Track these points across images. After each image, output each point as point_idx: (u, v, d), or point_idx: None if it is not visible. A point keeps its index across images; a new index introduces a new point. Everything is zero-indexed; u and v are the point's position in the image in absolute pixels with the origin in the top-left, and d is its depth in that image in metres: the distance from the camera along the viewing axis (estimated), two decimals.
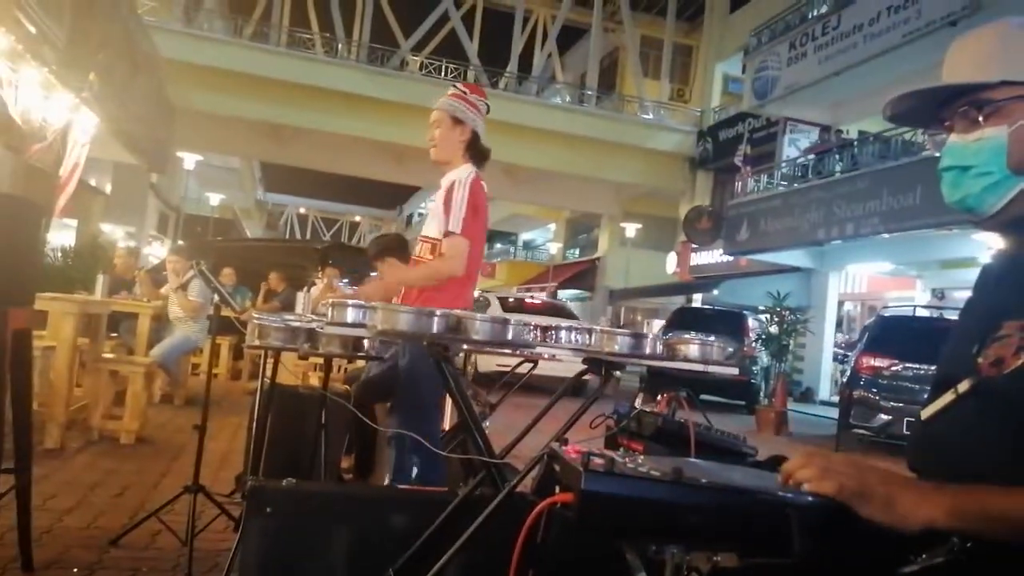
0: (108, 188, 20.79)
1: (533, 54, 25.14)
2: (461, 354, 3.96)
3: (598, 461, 1.09)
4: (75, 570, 2.58)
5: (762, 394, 11.46)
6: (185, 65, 17.02)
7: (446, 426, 3.42)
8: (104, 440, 4.81)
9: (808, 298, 16.44)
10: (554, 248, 30.11)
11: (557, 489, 1.19)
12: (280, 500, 2.23)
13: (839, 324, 17.71)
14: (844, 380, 9.23)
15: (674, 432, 2.17)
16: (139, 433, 4.94)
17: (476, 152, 3.03)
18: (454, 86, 3.14)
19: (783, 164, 16.55)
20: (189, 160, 22.06)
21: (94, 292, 6.61)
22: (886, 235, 12.64)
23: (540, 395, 3.03)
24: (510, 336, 2.08)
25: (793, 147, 16.88)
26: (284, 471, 3.08)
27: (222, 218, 31.79)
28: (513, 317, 2.68)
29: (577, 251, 30.84)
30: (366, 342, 2.68)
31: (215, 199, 28.84)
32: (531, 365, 3.25)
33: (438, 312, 1.98)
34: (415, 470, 2.73)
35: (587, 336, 2.26)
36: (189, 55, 17.73)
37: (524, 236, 37.58)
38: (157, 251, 26.78)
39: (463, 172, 2.94)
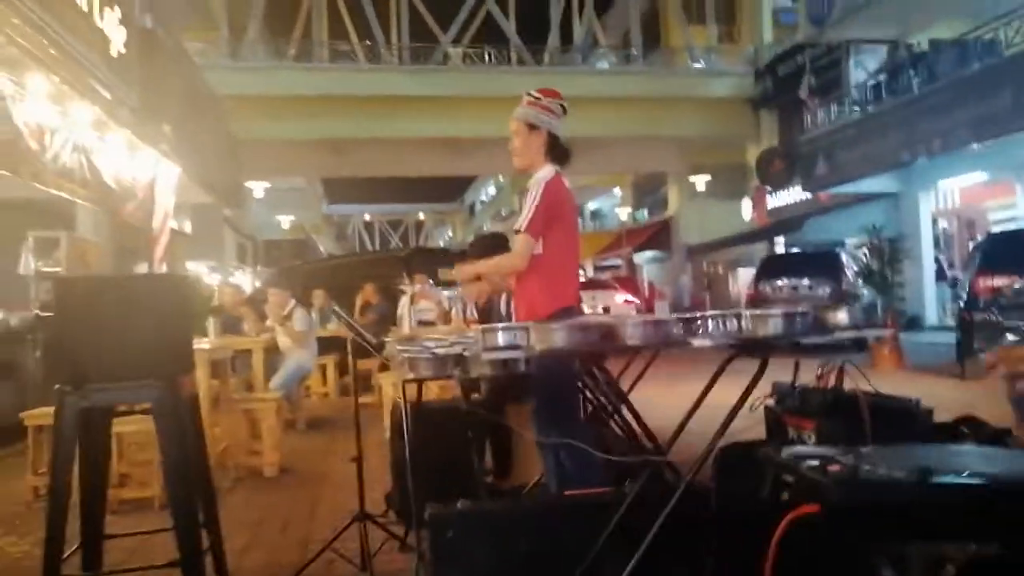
0: (188, 228, 21.68)
1: (572, 23, 24.77)
2: None
3: (836, 468, 1.07)
4: None
5: None
6: (239, 98, 17.49)
7: None
8: (250, 476, 5.04)
9: (899, 222, 15.76)
10: (623, 213, 29.72)
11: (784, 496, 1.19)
12: (460, 523, 2.30)
13: (936, 242, 16.92)
14: (961, 303, 8.85)
15: (845, 406, 2.12)
16: (280, 464, 5.17)
17: (556, 153, 3.11)
18: (528, 94, 3.17)
19: (853, 89, 15.86)
20: (257, 189, 22.81)
21: (207, 334, 6.91)
22: (976, 145, 11.98)
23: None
24: (663, 336, 2.08)
25: (860, 70, 16.14)
26: (435, 487, 3.18)
27: (295, 239, 32.66)
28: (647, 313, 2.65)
29: (646, 212, 30.38)
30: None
31: (285, 221, 29.73)
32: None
33: (591, 324, 2.00)
34: (572, 472, 2.76)
35: (736, 322, 2.24)
36: (241, 88, 18.19)
37: (590, 206, 37.25)
38: (241, 279, 27.83)
39: (540, 174, 3.07)
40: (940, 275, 16.38)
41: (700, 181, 22.68)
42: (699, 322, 2.27)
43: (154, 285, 2.47)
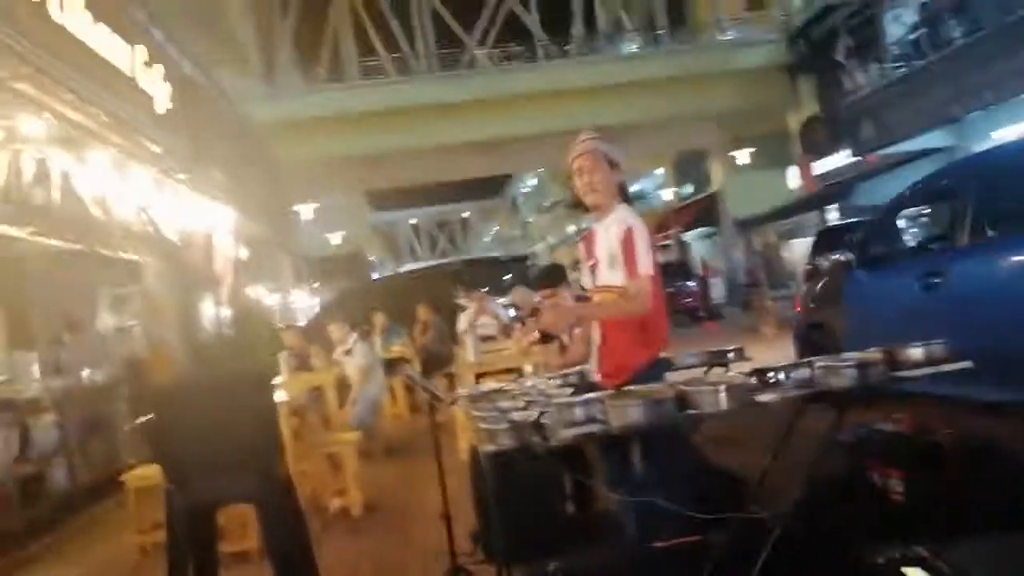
0: (244, 255, 22.27)
1: (594, 10, 24.57)
2: None
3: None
4: None
5: None
6: (276, 124, 17.91)
7: None
8: (338, 516, 5.24)
9: None
10: (667, 193, 29.41)
11: None
12: None
13: None
14: None
15: (932, 452, 2.13)
16: (364, 502, 5.35)
17: (625, 195, 3.05)
18: (588, 132, 3.08)
19: (891, 46, 15.39)
20: (306, 211, 23.29)
21: (280, 372, 7.15)
22: None
23: None
24: (736, 396, 2.12)
25: (897, 24, 15.64)
26: (520, 526, 3.28)
27: (346, 252, 33.19)
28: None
29: (692, 189, 30.01)
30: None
31: (335, 237, 30.26)
32: None
33: (666, 395, 2.06)
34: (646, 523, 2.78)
35: (808, 371, 2.27)
36: (277, 114, 18.61)
37: (633, 188, 36.93)
38: (300, 299, 28.51)
39: (631, 215, 2.95)
40: None
41: (743, 155, 22.28)
42: (771, 375, 2.31)
43: (243, 384, 2.61)
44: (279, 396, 5.04)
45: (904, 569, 1.53)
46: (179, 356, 10.68)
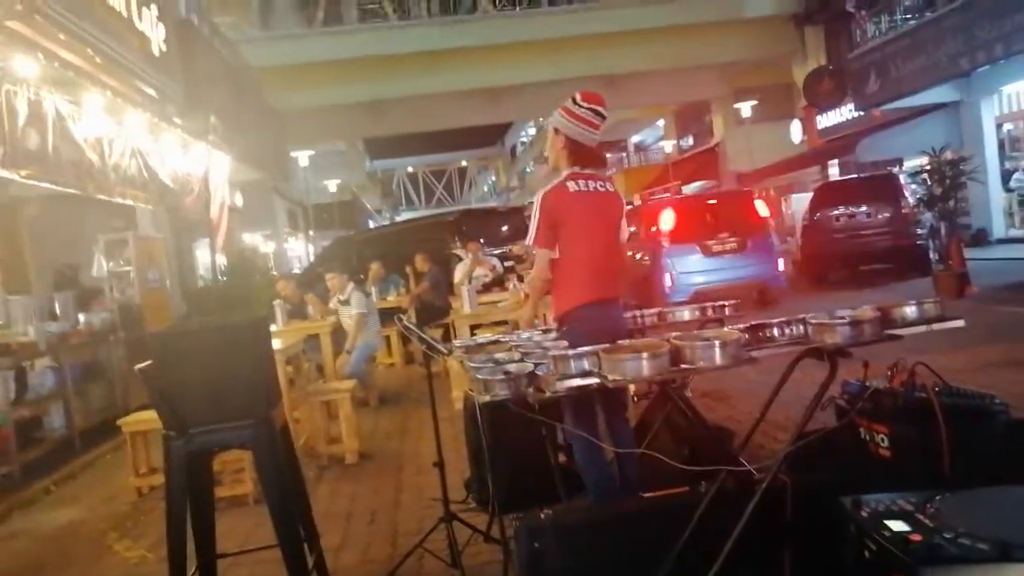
0: (240, 201, 22.12)
1: None
2: None
3: (918, 540, 1.13)
4: None
5: (932, 253, 10.76)
6: (274, 69, 17.57)
7: None
8: (332, 463, 5.30)
9: (959, 132, 15.11)
10: (668, 145, 29.12)
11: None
12: (545, 534, 2.43)
13: (1001, 146, 16.17)
14: None
15: (919, 409, 2.15)
16: (359, 450, 5.41)
17: (580, 157, 3.23)
18: (571, 99, 3.24)
19: None
20: (302, 157, 23.04)
21: (275, 320, 7.16)
22: None
23: None
24: (732, 352, 2.12)
25: None
26: (511, 475, 3.32)
27: (343, 200, 32.98)
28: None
29: (691, 140, 29.72)
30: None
31: (332, 184, 30.01)
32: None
33: (661, 352, 2.06)
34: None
35: (802, 328, 2.27)
36: (275, 59, 18.22)
37: (633, 139, 36.58)
38: (295, 246, 28.41)
39: (541, 189, 3.26)
40: (1006, 183, 15.74)
41: (746, 107, 21.96)
42: (765, 331, 2.31)
43: (241, 332, 2.61)
44: (275, 344, 5.05)
45: (886, 521, 1.56)
46: (174, 302, 10.76)
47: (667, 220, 10.66)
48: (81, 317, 7.36)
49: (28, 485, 5.47)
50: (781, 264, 10.63)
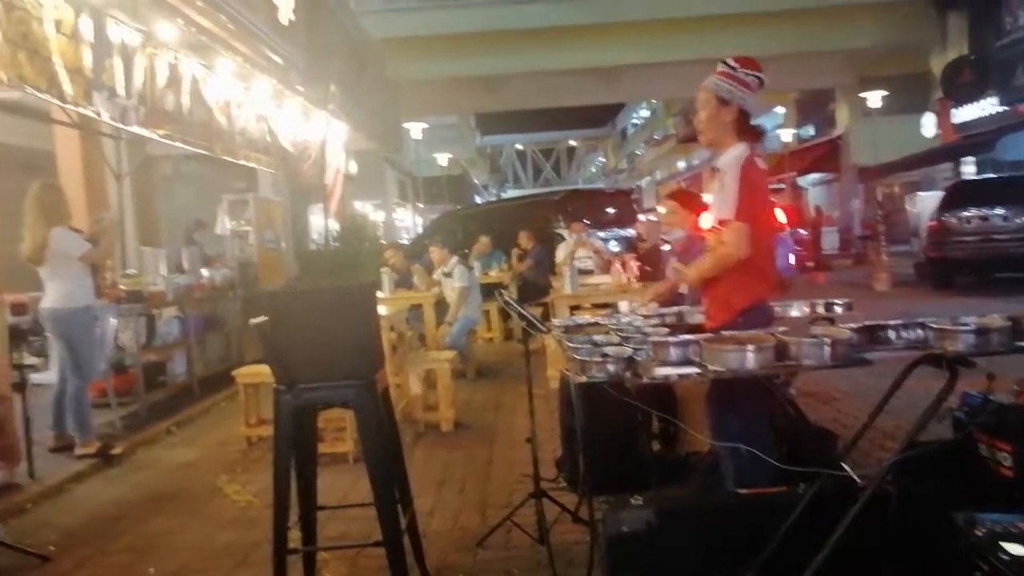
0: (353, 169, 22.87)
1: None
2: None
3: None
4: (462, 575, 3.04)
5: None
6: (393, 41, 17.96)
7: None
8: (428, 430, 5.46)
9: None
10: (786, 134, 27.94)
11: None
12: (634, 519, 2.42)
13: None
14: None
15: None
16: (454, 419, 5.55)
17: (746, 131, 2.89)
18: (723, 62, 2.92)
19: None
20: (415, 130, 23.54)
21: (381, 288, 7.38)
22: None
23: None
24: (841, 352, 2.04)
25: None
26: (605, 458, 3.31)
27: (451, 174, 33.52)
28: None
29: (813, 130, 28.41)
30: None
31: (442, 158, 30.52)
32: None
33: (764, 346, 2.00)
34: (745, 471, 2.74)
35: (921, 332, 2.15)
36: (395, 30, 18.63)
37: None
38: (403, 216, 29.14)
39: (734, 152, 2.84)
40: None
41: (875, 96, 20.72)
42: (880, 333, 2.21)
43: (350, 296, 2.72)
44: (380, 310, 5.23)
45: (1003, 543, 1.46)
46: (288, 262, 11.29)
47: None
48: (204, 272, 7.82)
49: (152, 424, 5.90)
50: (792, 259, 10.10)
